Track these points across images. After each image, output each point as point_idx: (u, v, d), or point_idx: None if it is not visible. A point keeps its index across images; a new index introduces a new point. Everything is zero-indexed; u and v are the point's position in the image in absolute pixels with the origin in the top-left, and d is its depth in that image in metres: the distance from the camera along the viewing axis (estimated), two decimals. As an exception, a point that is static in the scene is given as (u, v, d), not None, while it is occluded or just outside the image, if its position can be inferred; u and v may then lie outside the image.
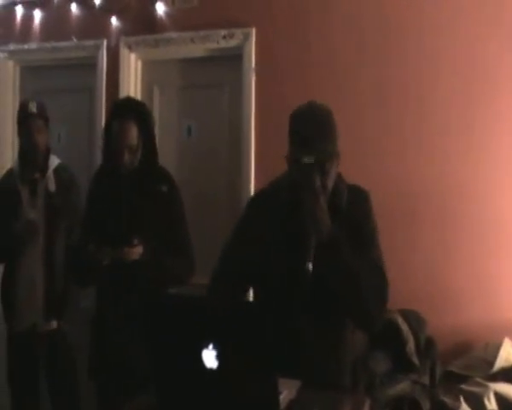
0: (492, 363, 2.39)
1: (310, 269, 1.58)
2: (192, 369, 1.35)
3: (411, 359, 2.45)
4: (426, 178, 2.72)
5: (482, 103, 2.66)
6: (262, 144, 2.97)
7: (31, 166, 2.70)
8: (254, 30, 3.00)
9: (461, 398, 2.28)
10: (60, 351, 2.72)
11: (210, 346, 1.32)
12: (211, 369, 1.32)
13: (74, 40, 3.35)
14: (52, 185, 2.70)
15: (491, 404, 2.26)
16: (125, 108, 2.27)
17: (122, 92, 3.21)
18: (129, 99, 2.45)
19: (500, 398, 2.28)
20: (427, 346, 2.51)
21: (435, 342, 2.53)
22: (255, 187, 2.96)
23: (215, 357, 1.32)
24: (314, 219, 1.61)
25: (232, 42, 3.05)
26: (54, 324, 2.69)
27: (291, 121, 1.72)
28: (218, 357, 1.31)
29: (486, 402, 2.26)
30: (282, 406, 1.40)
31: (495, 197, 2.63)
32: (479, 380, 2.34)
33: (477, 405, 2.26)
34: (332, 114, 1.72)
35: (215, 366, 1.32)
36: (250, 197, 1.89)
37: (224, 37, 3.06)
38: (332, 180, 1.71)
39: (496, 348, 2.43)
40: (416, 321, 2.53)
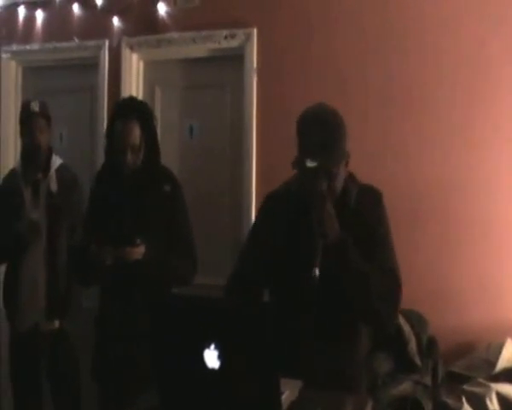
0: (495, 363, 2.39)
1: (316, 275, 1.57)
2: (194, 369, 1.35)
3: (413, 359, 2.44)
4: (428, 178, 2.71)
5: (485, 103, 2.65)
6: (263, 144, 2.97)
7: (33, 166, 2.70)
8: (256, 30, 3.00)
9: (463, 398, 2.28)
10: (62, 351, 2.72)
11: (212, 346, 1.32)
12: (213, 369, 1.32)
13: (76, 40, 3.36)
14: (54, 185, 2.71)
15: (493, 405, 2.26)
16: (128, 108, 2.27)
17: (124, 92, 3.21)
18: (131, 99, 2.45)
19: (502, 399, 2.28)
20: (429, 346, 2.51)
21: (437, 342, 2.53)
22: (257, 187, 2.96)
23: (217, 357, 1.32)
24: (321, 223, 1.60)
25: (234, 42, 3.05)
26: (56, 323, 2.69)
27: (298, 125, 1.71)
28: (220, 357, 1.31)
29: (488, 403, 2.25)
30: (284, 406, 1.40)
31: (498, 198, 2.63)
32: (481, 381, 2.34)
33: (479, 405, 2.26)
34: (339, 116, 1.71)
35: (217, 366, 1.32)
36: (264, 198, 1.89)
37: (226, 37, 3.06)
38: (341, 182, 1.71)
39: (498, 349, 2.43)
40: (418, 321, 2.53)
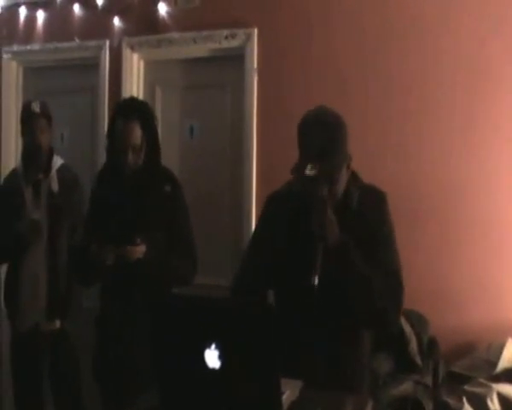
0: (495, 364, 2.39)
1: (315, 283, 1.55)
2: (194, 369, 1.35)
3: (414, 359, 2.44)
4: (428, 178, 2.71)
5: (485, 103, 2.65)
6: (264, 144, 2.97)
7: (34, 166, 2.70)
8: (256, 30, 3.00)
9: (464, 399, 2.28)
10: (63, 351, 2.72)
11: (212, 346, 1.32)
12: (213, 369, 1.32)
13: (77, 41, 3.36)
14: (55, 185, 2.71)
15: (494, 405, 2.26)
16: (129, 108, 2.27)
17: (124, 92, 3.22)
18: (132, 99, 2.45)
19: (503, 399, 2.28)
20: (429, 346, 2.51)
21: (438, 342, 2.53)
22: (257, 187, 2.96)
23: (217, 357, 1.32)
24: (321, 228, 1.59)
25: (234, 42, 3.05)
26: (57, 323, 2.70)
27: (299, 130, 1.69)
28: (221, 357, 1.31)
29: (489, 403, 2.25)
30: (285, 406, 1.40)
31: (498, 198, 2.63)
32: (482, 381, 2.34)
33: (480, 406, 2.25)
34: (340, 119, 1.69)
35: (217, 366, 1.32)
36: (266, 199, 1.88)
37: (226, 37, 3.06)
38: (343, 184, 1.70)
39: (499, 349, 2.43)
40: (419, 321, 2.53)
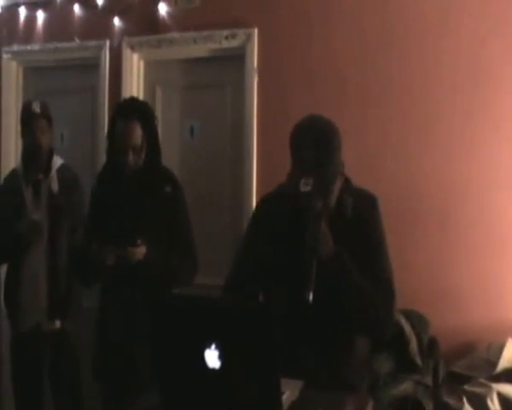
0: (495, 364, 2.39)
1: (310, 299, 1.53)
2: (194, 369, 1.35)
3: (414, 359, 2.44)
4: (428, 178, 2.71)
5: (485, 103, 2.65)
6: (264, 144, 2.97)
7: (34, 166, 2.70)
8: (257, 30, 3.00)
9: (464, 399, 2.28)
10: (63, 351, 2.72)
11: (212, 346, 1.32)
12: (213, 369, 1.32)
13: (77, 41, 3.36)
14: (55, 186, 2.71)
15: (494, 405, 2.26)
16: (129, 109, 2.27)
17: (125, 92, 3.22)
18: (133, 99, 2.45)
19: (503, 399, 2.28)
20: (429, 346, 2.51)
21: (438, 342, 2.53)
22: (257, 187, 2.96)
23: (217, 357, 1.32)
24: (315, 241, 1.56)
25: (234, 42, 3.06)
26: (57, 323, 2.69)
27: (291, 143, 1.66)
28: (221, 357, 1.31)
29: (489, 403, 2.25)
30: (285, 406, 1.40)
31: (498, 198, 2.63)
32: (482, 381, 2.34)
33: (480, 406, 2.25)
34: (333, 127, 1.66)
35: (217, 366, 1.32)
36: (258, 202, 1.87)
37: (227, 37, 3.06)
38: (336, 193, 1.69)
39: (499, 349, 2.43)
40: (419, 321, 2.53)
